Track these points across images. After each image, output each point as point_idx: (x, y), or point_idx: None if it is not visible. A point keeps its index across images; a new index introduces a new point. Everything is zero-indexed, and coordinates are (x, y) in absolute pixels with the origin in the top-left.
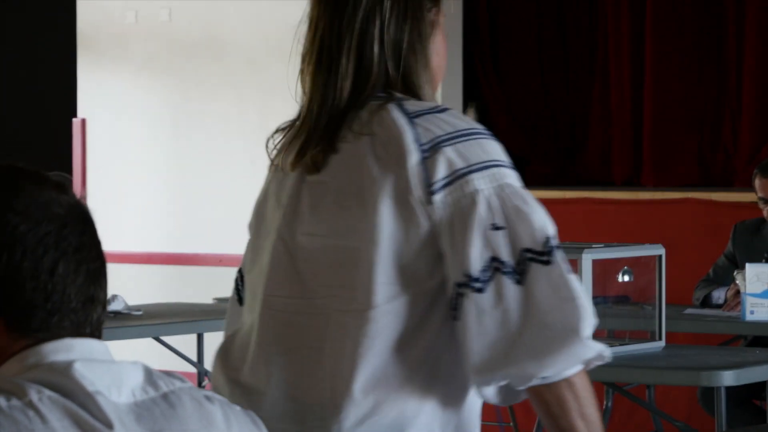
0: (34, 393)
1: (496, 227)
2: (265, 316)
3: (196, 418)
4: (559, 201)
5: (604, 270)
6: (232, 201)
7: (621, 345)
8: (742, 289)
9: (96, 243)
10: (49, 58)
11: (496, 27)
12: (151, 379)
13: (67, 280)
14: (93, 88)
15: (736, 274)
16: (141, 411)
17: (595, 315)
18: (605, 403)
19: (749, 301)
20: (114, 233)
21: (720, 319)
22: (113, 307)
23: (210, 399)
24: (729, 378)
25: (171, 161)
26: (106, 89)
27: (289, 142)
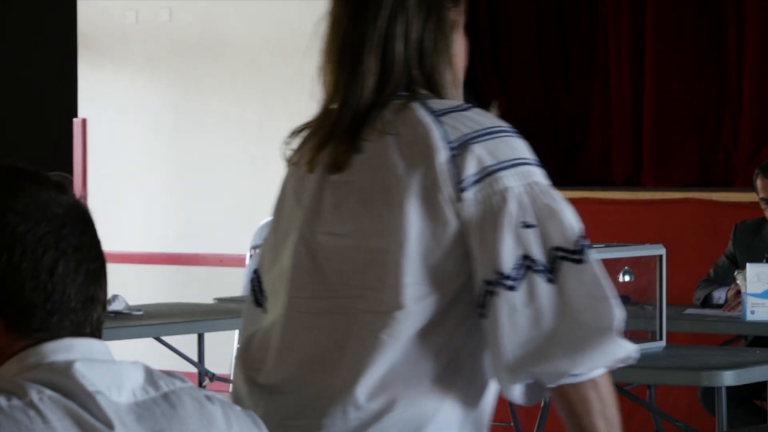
0: (34, 393)
1: (527, 225)
2: (288, 317)
3: (196, 418)
4: None
5: (605, 270)
6: (232, 201)
7: None
8: (743, 289)
9: (96, 243)
10: (49, 58)
11: (496, 27)
12: (151, 379)
13: (66, 279)
14: (93, 88)
15: (736, 274)
16: (141, 411)
17: (624, 314)
18: None
19: (750, 301)
20: (114, 233)
21: (720, 319)
22: (114, 307)
23: (210, 399)
24: (729, 378)
25: (171, 161)
26: (106, 89)
27: (308, 139)
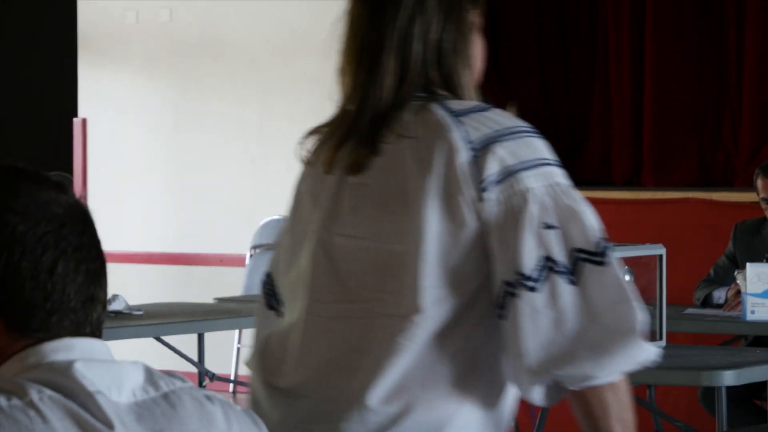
0: (34, 393)
1: (549, 226)
2: (308, 320)
3: (196, 418)
4: None
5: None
6: (232, 201)
7: None
8: (743, 289)
9: (96, 243)
10: (49, 58)
11: (496, 27)
12: (151, 378)
13: (66, 279)
14: (93, 88)
15: (736, 274)
16: (141, 411)
17: (646, 316)
18: None
19: (750, 301)
20: (114, 233)
21: (721, 319)
22: (114, 306)
23: (210, 399)
24: (729, 378)
25: (171, 161)
26: (106, 89)
27: (325, 140)
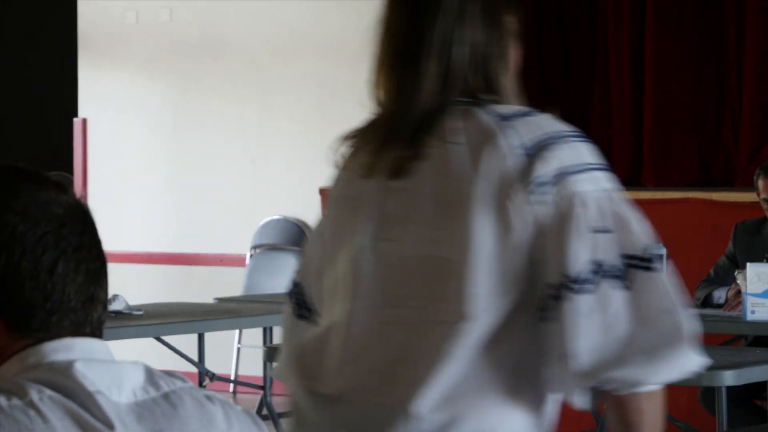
0: (34, 393)
1: (600, 230)
2: (351, 326)
3: (197, 418)
4: None
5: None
6: (232, 201)
7: None
8: (743, 289)
9: (96, 242)
10: (49, 58)
11: None
12: (152, 378)
13: (66, 279)
14: (93, 88)
15: (736, 274)
16: (142, 411)
17: (696, 325)
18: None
19: (750, 301)
20: (114, 233)
21: (721, 319)
22: (114, 306)
23: (211, 399)
24: (729, 378)
25: (171, 161)
26: (106, 89)
27: (363, 144)
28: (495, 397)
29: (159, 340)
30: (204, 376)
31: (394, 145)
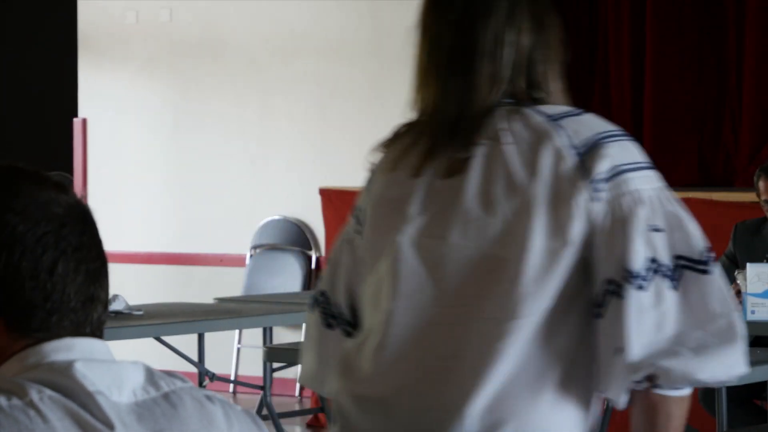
0: (34, 393)
1: (656, 229)
2: (395, 326)
3: (197, 418)
4: None
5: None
6: (232, 201)
7: None
8: (743, 289)
9: (96, 242)
10: (49, 58)
11: None
12: (152, 378)
13: (66, 279)
14: (93, 88)
15: (736, 274)
16: (142, 411)
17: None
18: (607, 403)
19: (750, 301)
20: (114, 233)
21: None
22: (114, 307)
23: (211, 399)
24: None
25: (171, 161)
26: (106, 89)
27: (409, 146)
28: (546, 395)
29: (159, 340)
30: (204, 377)
31: (447, 146)
